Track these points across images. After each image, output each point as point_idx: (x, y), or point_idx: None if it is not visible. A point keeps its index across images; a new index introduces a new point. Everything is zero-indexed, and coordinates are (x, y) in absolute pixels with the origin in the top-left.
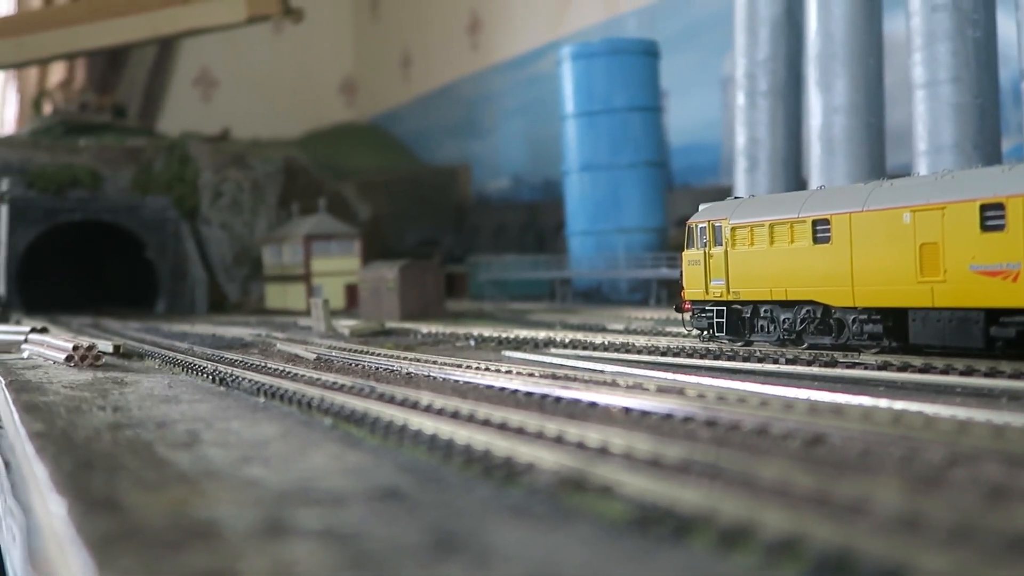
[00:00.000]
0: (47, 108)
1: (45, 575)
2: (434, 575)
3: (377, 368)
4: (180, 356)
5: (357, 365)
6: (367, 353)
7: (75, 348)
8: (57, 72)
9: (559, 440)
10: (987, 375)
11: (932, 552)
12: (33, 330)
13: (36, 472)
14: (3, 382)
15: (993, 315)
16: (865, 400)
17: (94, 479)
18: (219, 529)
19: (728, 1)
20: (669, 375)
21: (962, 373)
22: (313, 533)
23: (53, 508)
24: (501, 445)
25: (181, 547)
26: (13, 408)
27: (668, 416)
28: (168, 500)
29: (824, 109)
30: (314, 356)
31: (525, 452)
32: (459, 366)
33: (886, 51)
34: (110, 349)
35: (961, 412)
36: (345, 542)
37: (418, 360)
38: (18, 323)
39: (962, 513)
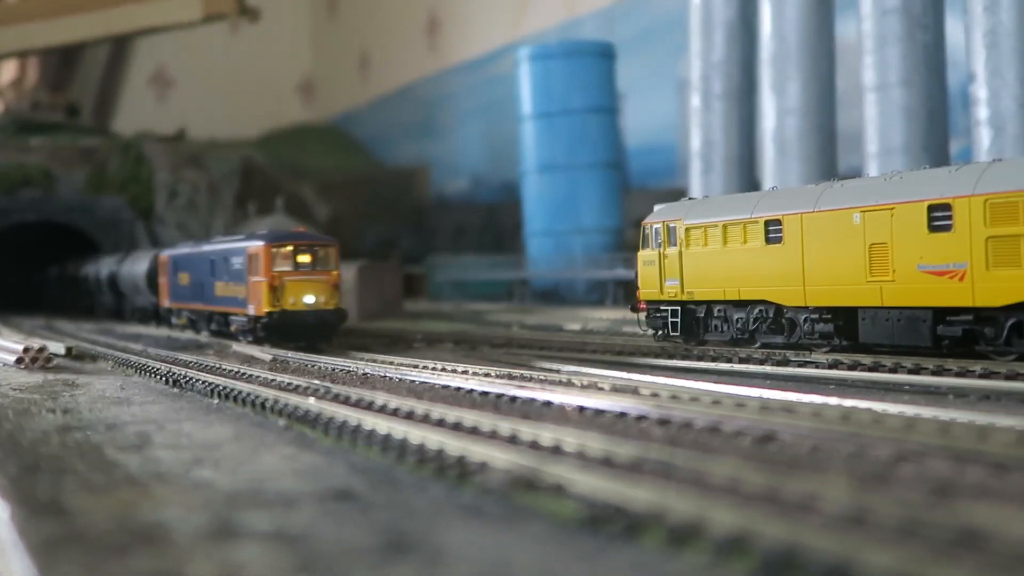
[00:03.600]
0: None
1: None
2: (384, 575)
3: (333, 369)
4: (133, 358)
5: (313, 366)
6: (323, 354)
7: (25, 350)
8: (8, 70)
9: (513, 439)
10: (934, 373)
11: (878, 549)
12: None
13: None
14: None
15: (940, 314)
16: (815, 398)
17: (40, 483)
18: (166, 532)
19: (684, 4)
20: (624, 374)
21: (910, 371)
22: (263, 535)
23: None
24: (454, 445)
25: (127, 551)
26: None
27: (622, 415)
28: (115, 503)
29: (777, 111)
30: (270, 357)
31: (478, 452)
32: (415, 366)
33: (838, 54)
34: (62, 351)
35: (909, 409)
36: (295, 544)
37: (374, 361)
38: None
39: (909, 509)
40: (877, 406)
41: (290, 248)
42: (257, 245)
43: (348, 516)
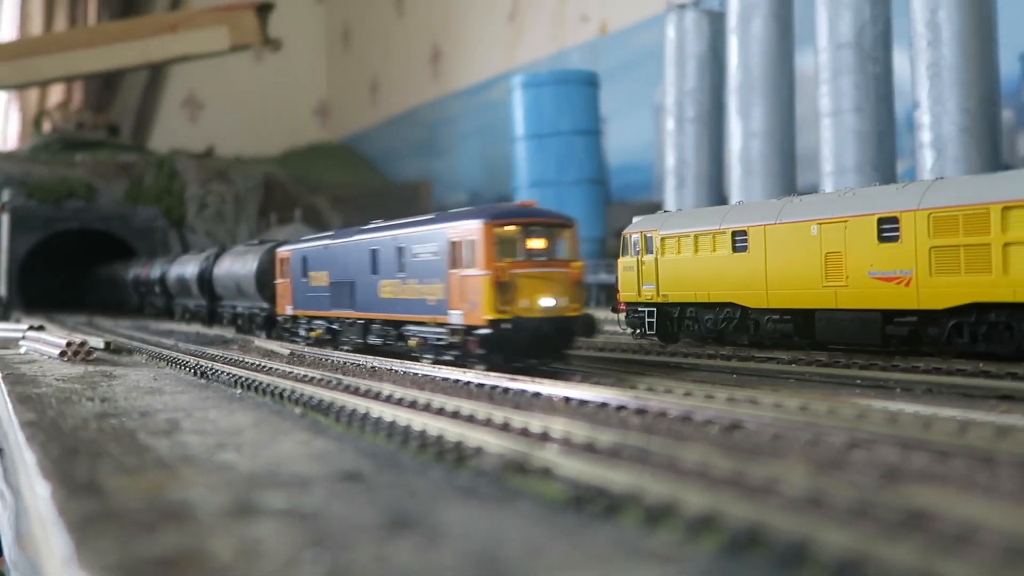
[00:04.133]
0: (46, 126)
1: (30, 554)
2: (387, 551)
3: (345, 363)
4: (165, 352)
5: (327, 360)
6: (336, 349)
7: (68, 344)
8: (56, 93)
9: (505, 427)
10: (883, 369)
11: (833, 528)
12: (31, 328)
13: (25, 458)
14: (0, 375)
15: (888, 316)
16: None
17: (78, 465)
18: (191, 510)
19: (660, 39)
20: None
21: (862, 367)
22: (279, 513)
23: (39, 491)
24: (453, 432)
25: (155, 527)
26: (8, 399)
27: (603, 405)
28: (146, 484)
29: (743, 134)
30: (288, 352)
31: (474, 438)
32: (418, 360)
33: (797, 83)
34: (101, 345)
35: (861, 401)
36: (308, 521)
37: (381, 355)
38: (17, 321)
39: (860, 492)
40: (832, 398)
41: (518, 228)
42: (470, 225)
43: (356, 496)
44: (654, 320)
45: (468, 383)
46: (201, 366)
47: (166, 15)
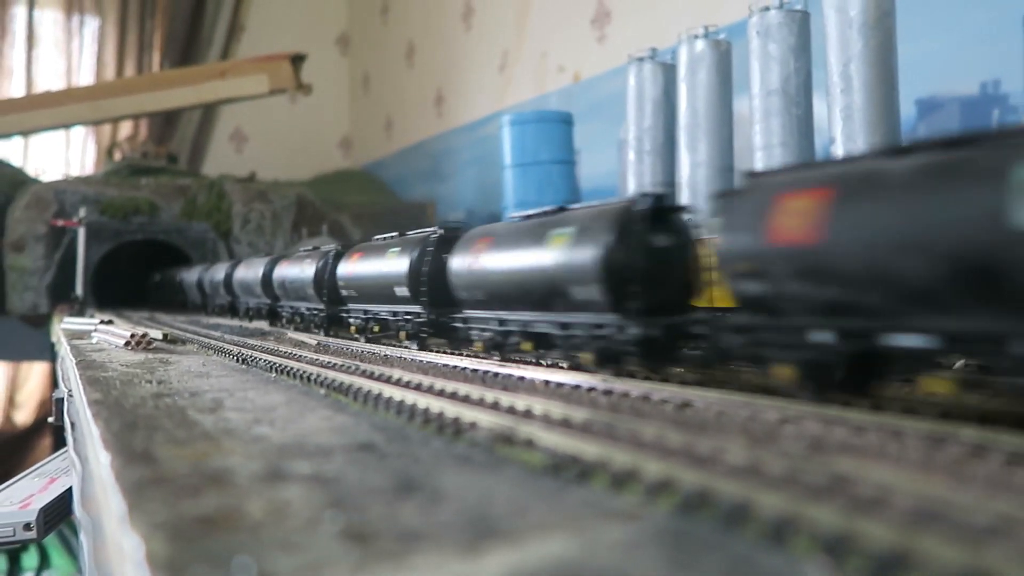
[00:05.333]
0: (117, 155)
1: (93, 514)
2: (395, 510)
3: (363, 351)
4: (213, 342)
5: (348, 349)
6: (356, 340)
7: (132, 335)
8: (125, 128)
9: (496, 405)
10: None
11: (769, 491)
12: (101, 322)
13: (92, 431)
14: (74, 361)
15: None
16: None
17: (136, 437)
18: (231, 476)
19: (623, 85)
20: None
21: None
22: (304, 478)
23: (101, 459)
24: (451, 409)
25: (199, 490)
26: (79, 381)
27: (577, 387)
28: (192, 453)
29: (691, 164)
30: (315, 342)
31: (469, 415)
32: (426, 350)
33: (735, 123)
34: (160, 336)
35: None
36: (328, 485)
37: (393, 345)
38: (91, 316)
39: (791, 460)
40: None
41: None
42: None
43: (369, 463)
44: None
45: (465, 368)
46: (243, 354)
47: (216, 64)
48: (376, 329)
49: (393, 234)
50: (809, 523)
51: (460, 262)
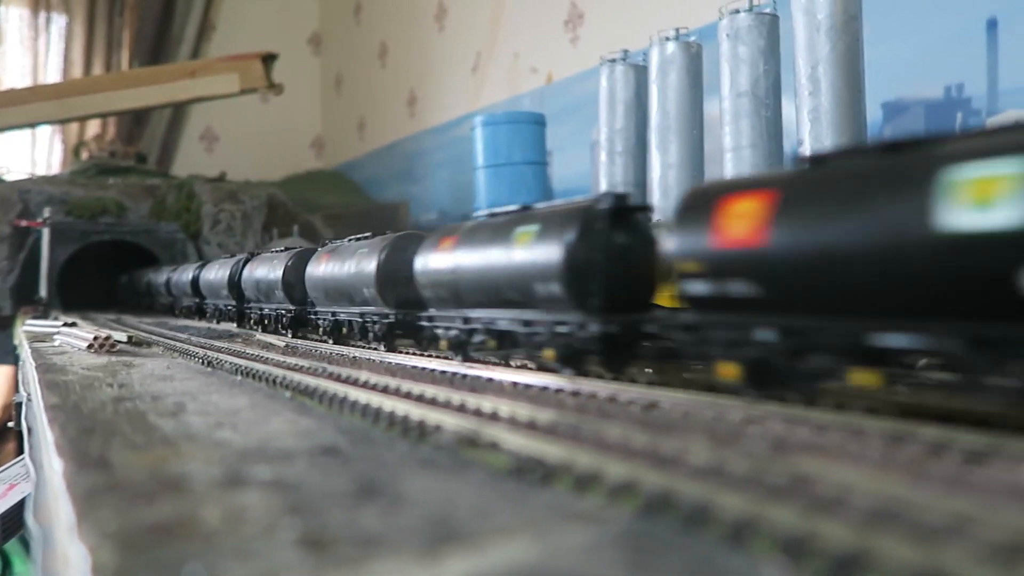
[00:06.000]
0: (84, 154)
1: (44, 523)
2: (356, 515)
3: (331, 353)
4: (179, 344)
5: (316, 351)
6: (325, 342)
7: (95, 338)
8: (93, 127)
9: (462, 407)
10: None
11: (731, 492)
12: (65, 324)
13: (47, 436)
14: (34, 364)
15: None
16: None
17: (92, 442)
18: (188, 482)
19: (595, 87)
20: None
21: None
22: (264, 483)
23: (55, 466)
24: (417, 412)
25: (154, 498)
26: (38, 385)
27: (544, 388)
28: (150, 459)
29: (662, 165)
30: (284, 344)
31: (435, 417)
32: (393, 351)
33: (706, 124)
34: (124, 339)
35: None
36: (288, 490)
37: (360, 346)
38: (55, 319)
39: (754, 460)
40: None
41: None
42: None
43: (332, 467)
44: None
45: (433, 370)
46: (208, 356)
47: (187, 63)
48: (344, 331)
49: (363, 235)
50: (769, 524)
51: (425, 261)
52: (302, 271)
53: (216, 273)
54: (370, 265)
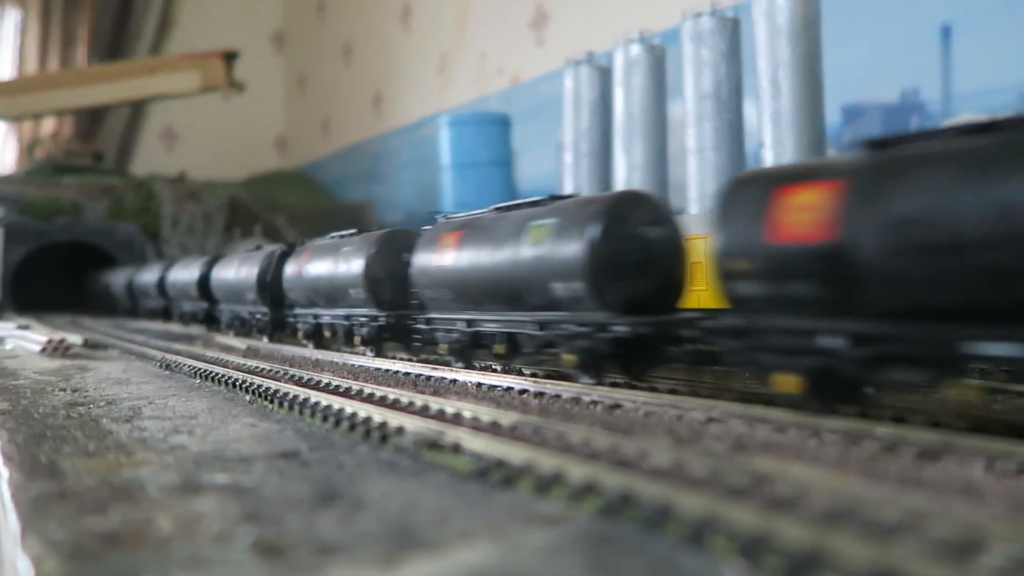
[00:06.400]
0: (39, 153)
1: None
2: (314, 520)
3: (293, 356)
4: (136, 347)
5: (278, 353)
6: (287, 344)
7: (49, 341)
8: (48, 124)
9: (424, 410)
10: None
11: (691, 492)
12: (18, 326)
13: None
14: None
15: None
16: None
17: (42, 449)
18: (142, 488)
19: (560, 88)
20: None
21: None
22: (220, 489)
23: (2, 474)
24: (379, 414)
25: (105, 505)
26: None
27: (508, 388)
28: (103, 465)
29: (627, 167)
30: (245, 346)
31: (397, 419)
32: (358, 353)
33: (669, 126)
34: (79, 342)
35: (718, 382)
36: (245, 496)
37: (326, 349)
38: (8, 321)
39: (715, 460)
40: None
41: None
42: None
43: (291, 472)
44: None
45: (396, 372)
46: (167, 359)
47: (146, 60)
48: (327, 335)
49: (347, 232)
50: (728, 524)
51: (423, 259)
52: (279, 271)
53: (183, 273)
54: (357, 264)
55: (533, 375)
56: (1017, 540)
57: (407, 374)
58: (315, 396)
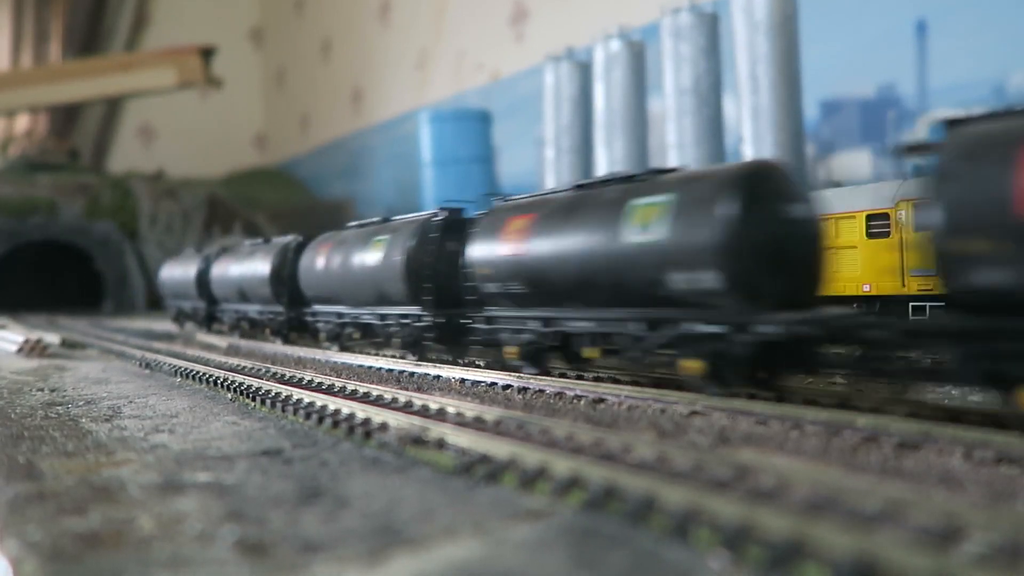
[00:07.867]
0: (13, 151)
1: None
2: (297, 518)
3: (275, 354)
4: (115, 346)
5: (260, 351)
6: (269, 342)
7: (25, 341)
8: (22, 122)
9: (408, 406)
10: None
11: (674, 484)
12: None
13: None
14: None
15: None
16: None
17: (20, 449)
18: (122, 488)
19: (541, 84)
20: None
21: None
22: (202, 487)
23: None
24: (362, 411)
25: (85, 505)
26: None
27: (492, 384)
28: (82, 466)
29: (608, 162)
30: (226, 344)
31: (380, 416)
32: (341, 350)
33: (650, 121)
34: (57, 341)
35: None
36: (228, 494)
37: (309, 347)
38: None
39: (698, 452)
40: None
41: None
42: None
43: (274, 470)
44: None
45: (380, 369)
46: (146, 358)
47: (121, 56)
48: (356, 335)
49: (375, 219)
50: (711, 516)
51: (485, 249)
52: (295, 266)
53: (177, 270)
54: (396, 256)
55: (634, 382)
56: (996, 528)
57: (390, 371)
58: (298, 393)
